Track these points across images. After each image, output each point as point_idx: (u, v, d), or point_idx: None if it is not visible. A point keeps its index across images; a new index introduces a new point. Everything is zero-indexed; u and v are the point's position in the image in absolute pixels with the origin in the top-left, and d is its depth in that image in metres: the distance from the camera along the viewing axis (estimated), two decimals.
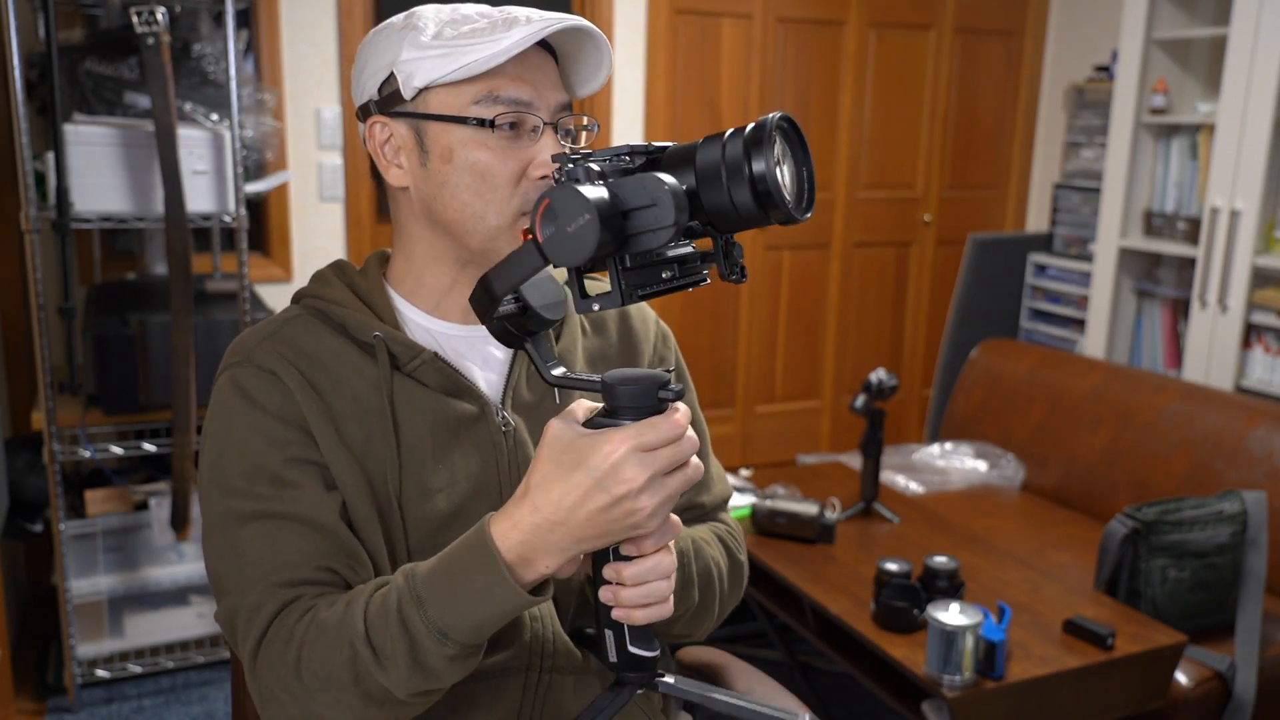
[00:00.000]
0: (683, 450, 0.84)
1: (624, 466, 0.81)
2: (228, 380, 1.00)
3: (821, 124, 3.93)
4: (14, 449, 2.55)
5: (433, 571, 0.87)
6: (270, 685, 0.90)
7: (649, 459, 0.82)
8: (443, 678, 0.88)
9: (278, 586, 0.92)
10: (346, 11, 3.12)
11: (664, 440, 0.83)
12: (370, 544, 0.98)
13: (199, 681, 2.60)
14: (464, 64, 0.96)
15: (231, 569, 0.95)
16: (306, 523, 0.94)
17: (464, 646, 0.86)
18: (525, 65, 0.99)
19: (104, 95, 2.40)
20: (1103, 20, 3.86)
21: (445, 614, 0.85)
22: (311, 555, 0.94)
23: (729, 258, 0.85)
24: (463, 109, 0.98)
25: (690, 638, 1.14)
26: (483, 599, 0.85)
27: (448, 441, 1.02)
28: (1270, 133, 2.82)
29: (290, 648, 0.89)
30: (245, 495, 0.95)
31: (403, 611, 0.86)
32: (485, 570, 0.85)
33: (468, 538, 0.87)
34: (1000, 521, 2.72)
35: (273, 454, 0.96)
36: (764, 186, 0.79)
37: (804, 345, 4.11)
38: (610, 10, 3.46)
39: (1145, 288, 3.40)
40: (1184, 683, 2.00)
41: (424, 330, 1.06)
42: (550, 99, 1.00)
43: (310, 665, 0.88)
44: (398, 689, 0.87)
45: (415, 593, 0.86)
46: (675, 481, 0.84)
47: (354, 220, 3.26)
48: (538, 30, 0.95)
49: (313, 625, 0.89)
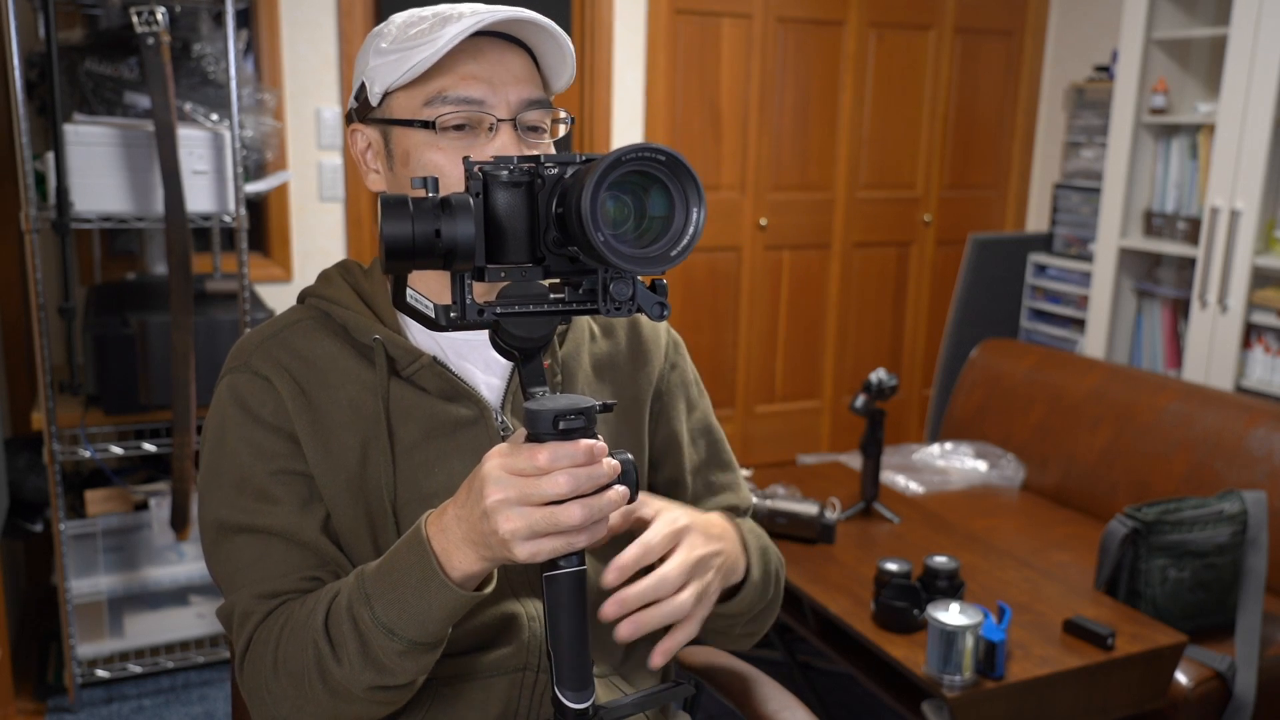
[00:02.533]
0: (540, 485, 0.77)
1: (486, 482, 0.79)
2: (226, 386, 1.03)
3: (821, 124, 3.93)
4: (14, 449, 2.55)
5: (379, 568, 0.89)
6: (254, 686, 0.94)
7: (505, 481, 0.78)
8: (397, 674, 0.88)
9: (263, 597, 0.96)
10: (346, 11, 3.12)
11: (519, 468, 0.78)
12: (358, 554, 0.99)
13: (199, 681, 2.60)
14: (409, 67, 0.96)
15: (224, 573, 0.99)
16: (290, 539, 0.97)
17: (412, 643, 0.86)
18: (481, 61, 0.97)
19: (104, 95, 2.40)
20: (1103, 20, 3.86)
21: (389, 610, 0.86)
22: (296, 567, 0.97)
23: (607, 291, 0.81)
24: (416, 111, 0.98)
25: (754, 636, 1.17)
26: (420, 594, 0.85)
27: (444, 446, 1.02)
28: (1270, 133, 2.82)
29: (268, 649, 0.93)
30: (233, 507, 0.99)
31: (353, 609, 0.88)
32: (420, 566, 0.85)
33: (408, 535, 0.88)
34: (1000, 521, 2.72)
35: (260, 466, 0.99)
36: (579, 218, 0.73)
37: (804, 345, 4.11)
38: (610, 10, 3.46)
39: (1145, 288, 3.40)
40: (1184, 683, 2.00)
41: (425, 332, 1.06)
42: (511, 95, 0.98)
43: (285, 664, 0.91)
44: (353, 684, 0.88)
45: (364, 590, 0.88)
46: (538, 515, 0.78)
47: (354, 220, 3.26)
48: (468, 26, 0.94)
49: (287, 625, 0.92)
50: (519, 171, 0.80)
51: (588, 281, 0.83)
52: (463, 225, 0.78)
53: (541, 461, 0.77)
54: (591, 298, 0.83)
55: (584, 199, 0.72)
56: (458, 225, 0.78)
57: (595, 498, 0.79)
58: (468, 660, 1.03)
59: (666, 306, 0.83)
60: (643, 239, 0.77)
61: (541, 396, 0.83)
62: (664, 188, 0.76)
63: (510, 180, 0.79)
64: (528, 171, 0.80)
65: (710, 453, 1.20)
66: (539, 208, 0.80)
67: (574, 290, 0.83)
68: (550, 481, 0.77)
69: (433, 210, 0.78)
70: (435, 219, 0.78)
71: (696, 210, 0.76)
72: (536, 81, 1.01)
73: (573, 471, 0.78)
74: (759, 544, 1.11)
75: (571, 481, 0.77)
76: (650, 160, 0.74)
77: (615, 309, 0.81)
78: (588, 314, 0.84)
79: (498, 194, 0.80)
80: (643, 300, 0.82)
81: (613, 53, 3.50)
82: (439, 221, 0.78)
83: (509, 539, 0.78)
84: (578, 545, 0.80)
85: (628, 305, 0.81)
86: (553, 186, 0.80)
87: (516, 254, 0.80)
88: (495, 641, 1.03)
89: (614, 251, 0.73)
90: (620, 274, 0.80)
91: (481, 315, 0.82)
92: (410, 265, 0.78)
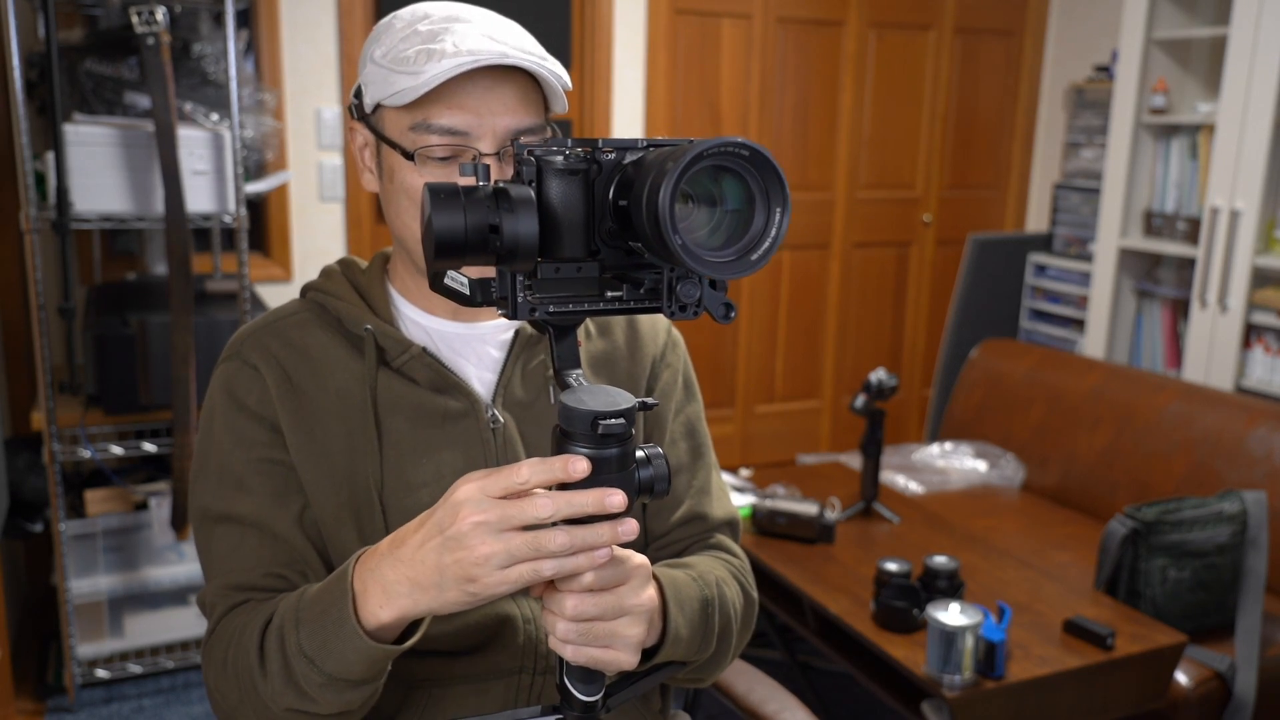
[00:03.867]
0: (524, 508, 0.72)
1: (460, 506, 0.74)
2: (218, 376, 1.05)
3: (821, 124, 3.93)
4: (14, 449, 2.54)
5: (315, 594, 0.86)
6: (208, 677, 0.96)
7: (485, 504, 0.73)
8: (319, 703, 0.85)
9: (229, 589, 0.97)
10: (346, 11, 3.12)
11: (503, 488, 0.73)
12: (340, 542, 1.00)
13: (199, 681, 2.60)
14: (394, 92, 0.94)
15: (204, 561, 1.02)
16: (263, 529, 0.98)
17: (331, 677, 0.83)
18: (470, 90, 0.94)
19: (104, 95, 2.40)
20: (1103, 20, 3.86)
21: (311, 640, 0.84)
22: (264, 561, 0.97)
23: (673, 291, 0.74)
24: (401, 133, 0.97)
25: (700, 682, 1.08)
26: (337, 634, 0.82)
27: (433, 437, 1.02)
28: (1270, 133, 2.82)
29: (220, 645, 0.94)
30: (215, 495, 1.00)
31: (283, 629, 0.87)
32: (340, 604, 0.82)
33: (342, 566, 0.85)
34: (1000, 521, 2.72)
35: (240, 455, 1.00)
36: (654, 218, 0.66)
37: (804, 345, 4.11)
38: (610, 10, 3.46)
39: (1145, 288, 3.40)
40: (1184, 683, 2.00)
41: (419, 326, 1.06)
42: (499, 124, 0.95)
43: (233, 664, 0.91)
44: (273, 703, 0.87)
45: (297, 614, 0.86)
46: (519, 540, 0.72)
47: (354, 220, 3.26)
48: (449, 69, 0.91)
49: (240, 627, 0.93)
50: (575, 157, 0.72)
51: (650, 279, 0.76)
52: (525, 222, 0.70)
53: (511, 479, 0.72)
54: (653, 296, 0.76)
55: (661, 198, 0.64)
56: (519, 222, 0.70)
57: (583, 528, 0.73)
58: (462, 663, 1.02)
59: (733, 307, 0.75)
60: (715, 235, 0.70)
61: (578, 386, 0.76)
62: (739, 179, 0.69)
63: (566, 167, 0.72)
64: (584, 157, 0.72)
65: (690, 457, 1.16)
66: (595, 196, 0.73)
67: (634, 289, 0.76)
68: (536, 504, 0.72)
69: (486, 201, 0.71)
70: (491, 212, 0.71)
71: (780, 211, 0.69)
72: (532, 106, 0.97)
73: (561, 497, 0.72)
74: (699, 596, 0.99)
75: (557, 508, 0.72)
76: (732, 155, 0.67)
77: (680, 310, 0.74)
78: (649, 312, 0.77)
79: (551, 182, 0.72)
80: (709, 301, 0.74)
81: (613, 53, 3.50)
82: (494, 215, 0.71)
83: (480, 564, 0.73)
84: (545, 575, 0.74)
85: (693, 307, 0.74)
86: (610, 173, 0.73)
87: (572, 248, 0.73)
88: (490, 644, 1.02)
89: (692, 255, 0.66)
90: (690, 274, 0.73)
91: (533, 314, 0.75)
92: (460, 262, 0.72)
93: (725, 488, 1.20)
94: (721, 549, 1.14)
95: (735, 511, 1.18)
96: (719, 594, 1.02)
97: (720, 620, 1.01)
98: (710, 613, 0.99)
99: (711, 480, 1.17)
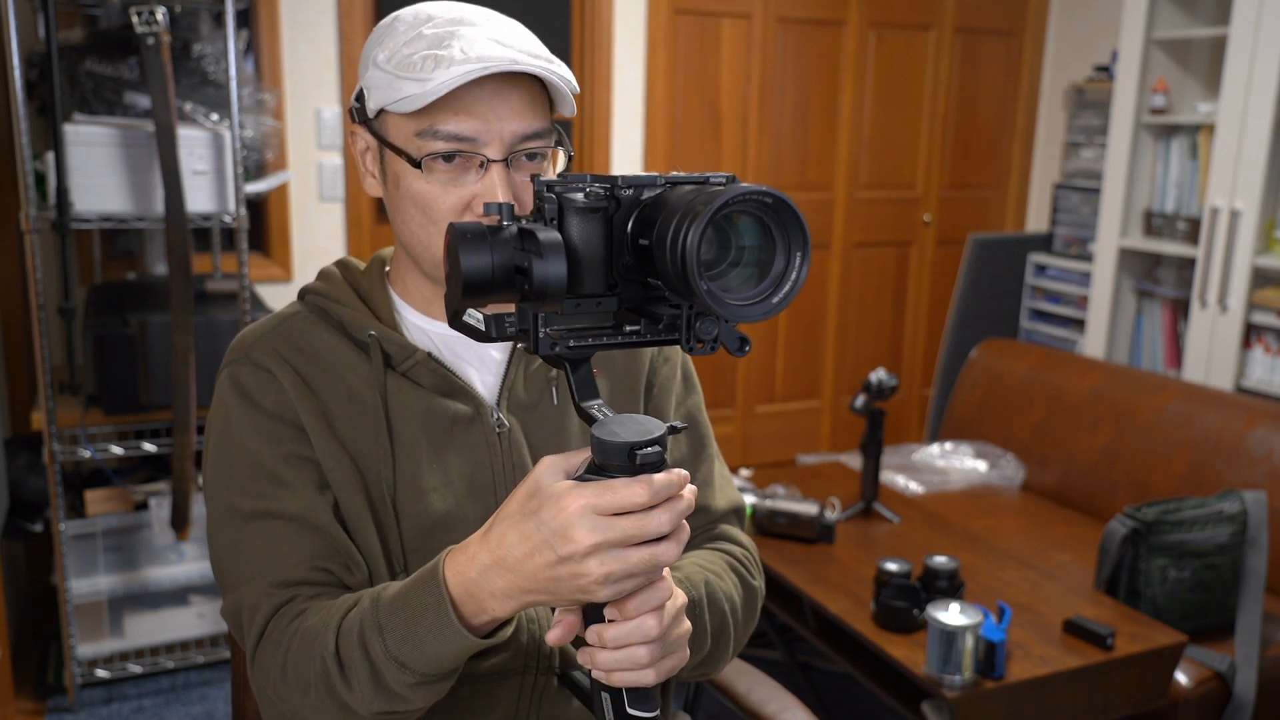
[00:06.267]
0: (644, 525, 0.74)
1: (573, 527, 0.74)
2: (227, 378, 1.02)
3: (821, 124, 3.93)
4: (14, 449, 2.54)
5: (394, 600, 0.87)
6: (263, 685, 0.93)
7: (602, 524, 0.74)
8: (410, 701, 0.87)
9: (274, 587, 0.94)
10: (346, 11, 3.12)
11: (620, 506, 0.74)
12: (364, 542, 0.99)
13: (199, 681, 2.60)
14: (399, 98, 0.93)
15: (234, 565, 0.98)
16: (303, 523, 0.96)
17: (425, 676, 0.85)
18: (477, 95, 0.93)
19: (104, 95, 2.40)
20: (1103, 20, 3.86)
21: (401, 645, 0.84)
22: (308, 556, 0.95)
23: (691, 328, 0.76)
24: (406, 140, 0.95)
25: (705, 675, 1.11)
26: (434, 637, 0.83)
27: (442, 441, 1.02)
28: (1270, 133, 2.82)
29: (278, 651, 0.91)
30: (246, 492, 0.98)
31: (364, 636, 0.86)
32: (436, 609, 0.83)
33: (425, 570, 0.86)
34: (1000, 521, 2.72)
35: (269, 450, 0.98)
36: (680, 262, 0.68)
37: (804, 345, 4.11)
38: (610, 10, 3.46)
39: (1145, 288, 3.40)
40: (1184, 683, 2.00)
41: (421, 331, 1.06)
42: (506, 130, 0.94)
43: (294, 670, 0.90)
44: (361, 708, 0.87)
45: (378, 620, 0.86)
46: (637, 557, 0.75)
47: (354, 220, 3.26)
48: (456, 77, 0.90)
49: (298, 632, 0.91)
50: (595, 195, 0.74)
51: (668, 315, 0.77)
52: (554, 265, 0.71)
53: (629, 498, 0.74)
54: (671, 331, 0.78)
55: (690, 245, 0.67)
56: (549, 265, 0.71)
57: (682, 529, 0.77)
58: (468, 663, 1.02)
59: (747, 341, 0.77)
60: (737, 278, 0.72)
61: (603, 418, 0.77)
62: (755, 220, 0.71)
63: (587, 205, 0.74)
64: (604, 194, 0.74)
65: (692, 451, 1.17)
66: (614, 233, 0.75)
67: (652, 324, 0.78)
68: (656, 521, 0.74)
69: (512, 241, 0.73)
70: (517, 253, 0.72)
71: (800, 256, 0.72)
72: (539, 111, 0.96)
73: (671, 506, 0.75)
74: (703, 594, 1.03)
75: (673, 519, 0.75)
76: (755, 203, 0.69)
77: (699, 347, 0.76)
78: (667, 345, 0.79)
79: (572, 220, 0.73)
80: (724, 336, 0.77)
81: (613, 53, 3.50)
82: (521, 256, 0.72)
83: (602, 580, 0.75)
84: (654, 578, 0.78)
85: (711, 344, 0.76)
86: (629, 210, 0.75)
87: (592, 284, 0.75)
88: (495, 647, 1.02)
89: (716, 300, 0.69)
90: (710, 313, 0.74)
91: (554, 349, 0.77)
92: (485, 300, 0.73)
93: (729, 476, 1.21)
94: (725, 539, 1.15)
95: (739, 499, 1.20)
96: (706, 593, 1.03)
97: (713, 619, 1.03)
98: (698, 614, 1.00)
99: (714, 472, 1.18)
